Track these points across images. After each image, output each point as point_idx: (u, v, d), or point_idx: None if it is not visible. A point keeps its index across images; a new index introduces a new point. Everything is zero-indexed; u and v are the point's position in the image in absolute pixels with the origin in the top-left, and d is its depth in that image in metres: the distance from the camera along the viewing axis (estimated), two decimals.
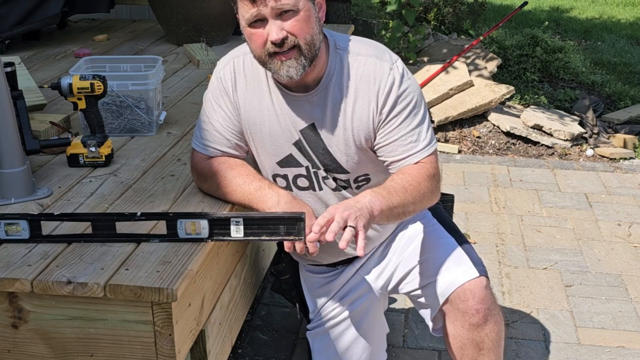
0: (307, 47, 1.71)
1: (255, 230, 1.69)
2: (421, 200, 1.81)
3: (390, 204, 1.72)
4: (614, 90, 5.26)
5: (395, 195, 1.74)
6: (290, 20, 1.68)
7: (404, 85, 1.81)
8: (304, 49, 1.71)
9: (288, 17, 1.68)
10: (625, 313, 2.82)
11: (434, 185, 1.84)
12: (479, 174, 4.13)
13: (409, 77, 1.84)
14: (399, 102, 1.81)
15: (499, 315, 1.92)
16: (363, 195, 1.70)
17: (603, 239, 3.39)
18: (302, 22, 1.69)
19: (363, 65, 1.82)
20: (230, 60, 1.90)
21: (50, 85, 2.08)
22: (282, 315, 2.80)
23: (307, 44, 1.71)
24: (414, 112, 1.83)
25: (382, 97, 1.80)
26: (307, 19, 1.70)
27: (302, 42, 1.70)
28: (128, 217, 1.70)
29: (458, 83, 4.74)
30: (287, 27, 1.68)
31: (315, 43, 1.73)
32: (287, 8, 1.66)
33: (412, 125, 1.82)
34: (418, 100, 1.84)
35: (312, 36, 1.71)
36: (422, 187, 1.80)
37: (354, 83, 1.82)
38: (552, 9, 8.37)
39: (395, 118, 1.81)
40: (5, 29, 3.35)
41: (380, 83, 1.80)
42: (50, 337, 1.59)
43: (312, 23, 1.71)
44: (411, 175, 1.80)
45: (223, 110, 1.89)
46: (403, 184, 1.77)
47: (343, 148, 1.86)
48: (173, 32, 3.58)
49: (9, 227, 1.65)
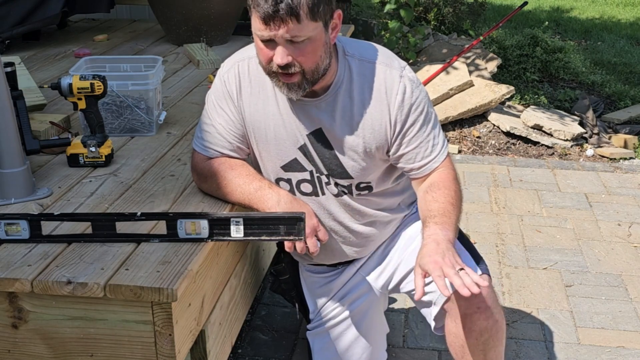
0: (311, 73, 1.71)
1: (255, 230, 1.69)
2: (460, 199, 1.88)
3: (454, 225, 1.80)
4: (614, 90, 5.26)
5: (452, 215, 1.81)
6: (299, 49, 1.66)
7: (415, 93, 1.83)
8: (307, 75, 1.71)
9: (297, 45, 1.65)
10: (625, 313, 2.82)
11: (459, 181, 1.92)
12: (479, 174, 4.13)
13: (418, 83, 1.86)
14: (413, 111, 1.83)
15: (501, 314, 1.92)
16: (436, 233, 1.75)
17: (603, 239, 3.39)
18: (310, 52, 1.67)
19: (372, 73, 1.82)
20: (234, 64, 1.89)
21: (50, 85, 2.08)
22: (282, 315, 2.80)
23: (312, 71, 1.71)
24: (427, 118, 1.86)
25: (395, 106, 1.82)
26: (315, 48, 1.68)
27: (307, 69, 1.69)
28: (128, 217, 1.70)
29: (458, 83, 4.74)
30: (294, 54, 1.66)
31: (319, 69, 1.72)
32: (296, 40, 1.64)
33: (427, 131, 1.86)
34: (428, 105, 1.87)
35: (318, 63, 1.71)
36: (456, 190, 1.87)
37: (364, 90, 1.82)
38: (552, 9, 8.37)
39: (412, 127, 1.84)
40: (5, 29, 3.35)
41: (392, 92, 1.82)
42: (50, 337, 1.59)
43: (320, 50, 1.69)
44: (446, 187, 1.85)
45: (226, 113, 1.89)
46: (448, 200, 1.83)
47: (350, 154, 1.87)
48: (173, 32, 3.58)
49: (9, 227, 1.65)
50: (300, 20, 1.60)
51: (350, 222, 2.00)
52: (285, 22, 1.60)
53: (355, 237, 2.03)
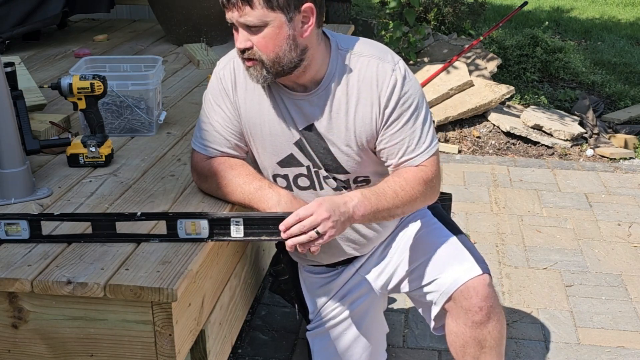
0: (271, 63, 1.72)
1: (256, 230, 1.69)
2: (411, 204, 1.83)
3: (375, 209, 1.75)
4: (614, 90, 5.26)
5: (384, 200, 1.77)
6: (256, 35, 1.69)
7: (405, 87, 1.81)
8: (266, 64, 1.72)
9: (255, 31, 1.69)
10: (625, 313, 2.82)
11: (429, 189, 1.85)
12: (479, 174, 4.13)
13: (410, 78, 1.84)
14: (400, 105, 1.81)
15: (502, 314, 1.92)
16: (351, 198, 1.73)
17: (603, 239, 3.39)
18: (267, 39, 1.69)
19: (365, 66, 1.82)
20: (230, 61, 1.90)
21: (50, 85, 2.08)
22: (282, 315, 2.80)
23: (271, 61, 1.71)
24: (416, 115, 1.83)
25: (384, 99, 1.80)
26: (274, 36, 1.69)
27: (265, 57, 1.71)
28: (128, 217, 1.70)
29: (458, 83, 4.74)
30: (253, 39, 1.70)
31: (281, 62, 1.72)
32: (249, 24, 1.68)
33: (413, 128, 1.83)
34: (420, 102, 1.84)
35: (279, 54, 1.71)
36: (415, 192, 1.81)
37: (356, 84, 1.82)
38: (552, 9, 8.36)
39: (397, 121, 1.82)
40: (6, 29, 3.35)
41: (383, 85, 1.80)
42: (50, 337, 1.59)
43: (281, 41, 1.70)
44: (406, 180, 1.81)
45: (223, 110, 1.89)
46: (395, 188, 1.79)
47: (344, 148, 1.86)
48: (173, 32, 3.58)
49: (9, 227, 1.65)
50: (253, 6, 1.65)
51: None
52: (238, 7, 1.66)
53: (355, 232, 2.03)
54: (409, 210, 1.86)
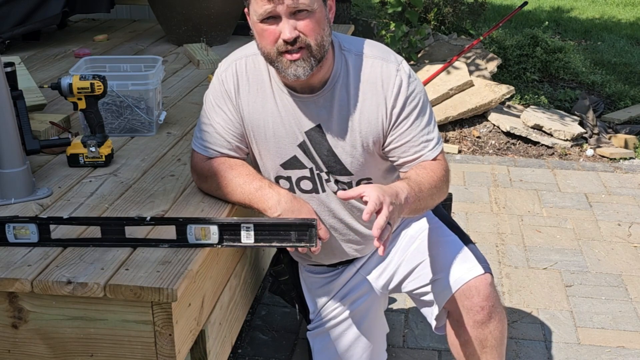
0: (317, 47, 1.71)
1: (266, 237, 1.68)
2: (439, 195, 1.85)
3: (418, 200, 1.74)
4: (614, 90, 5.26)
5: (425, 191, 1.77)
6: (304, 20, 1.68)
7: (411, 87, 1.83)
8: (314, 50, 1.71)
9: (302, 16, 1.68)
10: (625, 313, 2.82)
11: (447, 182, 1.88)
12: (479, 174, 4.13)
13: (414, 77, 1.86)
14: (408, 104, 1.82)
15: (503, 313, 1.93)
16: (401, 189, 1.68)
17: (603, 239, 3.39)
18: (314, 23, 1.69)
19: (369, 67, 1.82)
20: (232, 63, 1.89)
21: (50, 85, 2.08)
22: (282, 315, 2.80)
23: (318, 45, 1.71)
24: (423, 112, 1.85)
25: (391, 99, 1.81)
26: (319, 20, 1.70)
27: (313, 42, 1.70)
28: (137, 222, 1.69)
29: (458, 83, 4.74)
30: (299, 26, 1.68)
31: (324, 44, 1.73)
32: (302, 7, 1.67)
33: (422, 125, 1.85)
34: (425, 100, 1.87)
35: (323, 37, 1.72)
36: (441, 183, 1.84)
37: (361, 85, 1.82)
38: (552, 9, 8.36)
39: (406, 120, 1.83)
40: (6, 29, 3.35)
41: (388, 85, 1.81)
42: (50, 337, 1.59)
43: (324, 24, 1.72)
44: (433, 171, 1.83)
45: (225, 112, 1.89)
46: (429, 180, 1.80)
47: (349, 150, 1.87)
48: (173, 32, 3.58)
49: (18, 231, 1.64)
50: None
51: (351, 220, 2.00)
52: None
53: (356, 234, 2.03)
54: (436, 202, 1.87)
